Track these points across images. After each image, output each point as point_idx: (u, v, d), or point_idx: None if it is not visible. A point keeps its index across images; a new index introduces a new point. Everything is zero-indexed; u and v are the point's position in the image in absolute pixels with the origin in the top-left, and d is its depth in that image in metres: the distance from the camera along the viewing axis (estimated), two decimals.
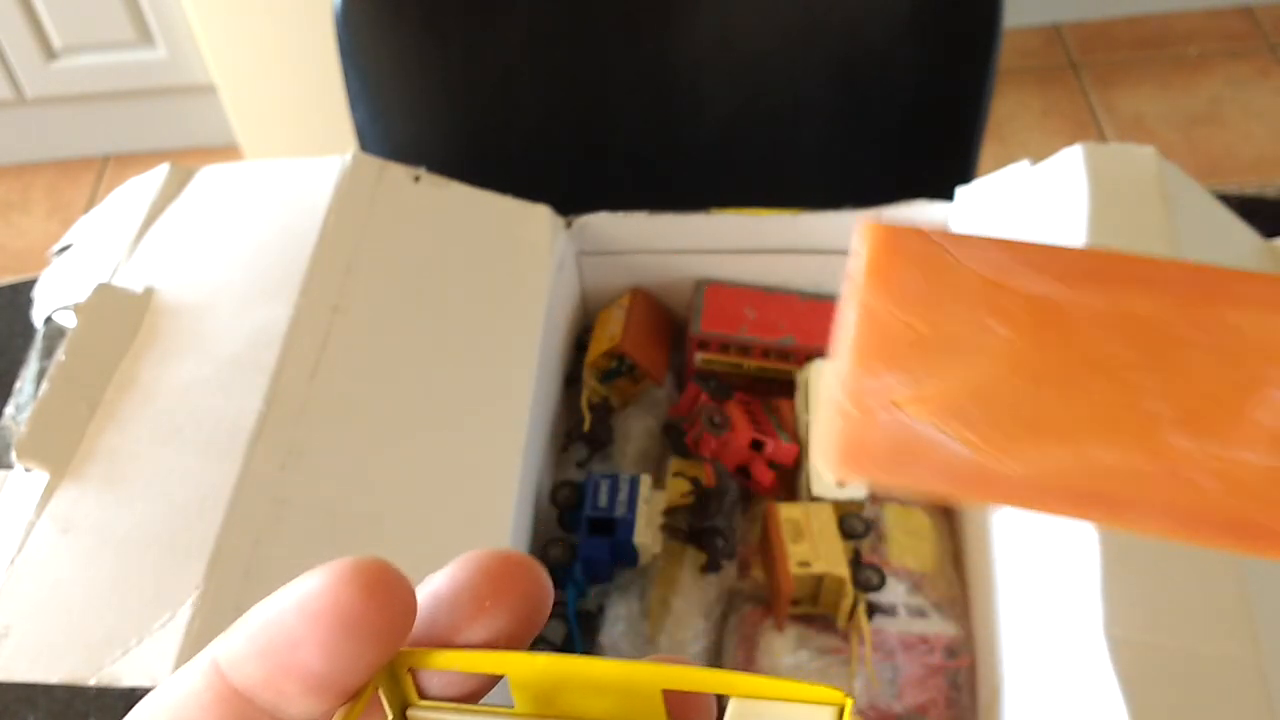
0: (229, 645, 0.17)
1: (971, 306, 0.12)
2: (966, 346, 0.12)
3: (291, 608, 0.16)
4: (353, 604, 0.16)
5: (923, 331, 0.13)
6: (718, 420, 0.59)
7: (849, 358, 0.13)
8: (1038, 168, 0.55)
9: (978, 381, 0.12)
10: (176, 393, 0.47)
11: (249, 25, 1.41)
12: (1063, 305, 0.12)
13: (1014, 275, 0.12)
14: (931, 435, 0.12)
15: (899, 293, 0.13)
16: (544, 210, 0.60)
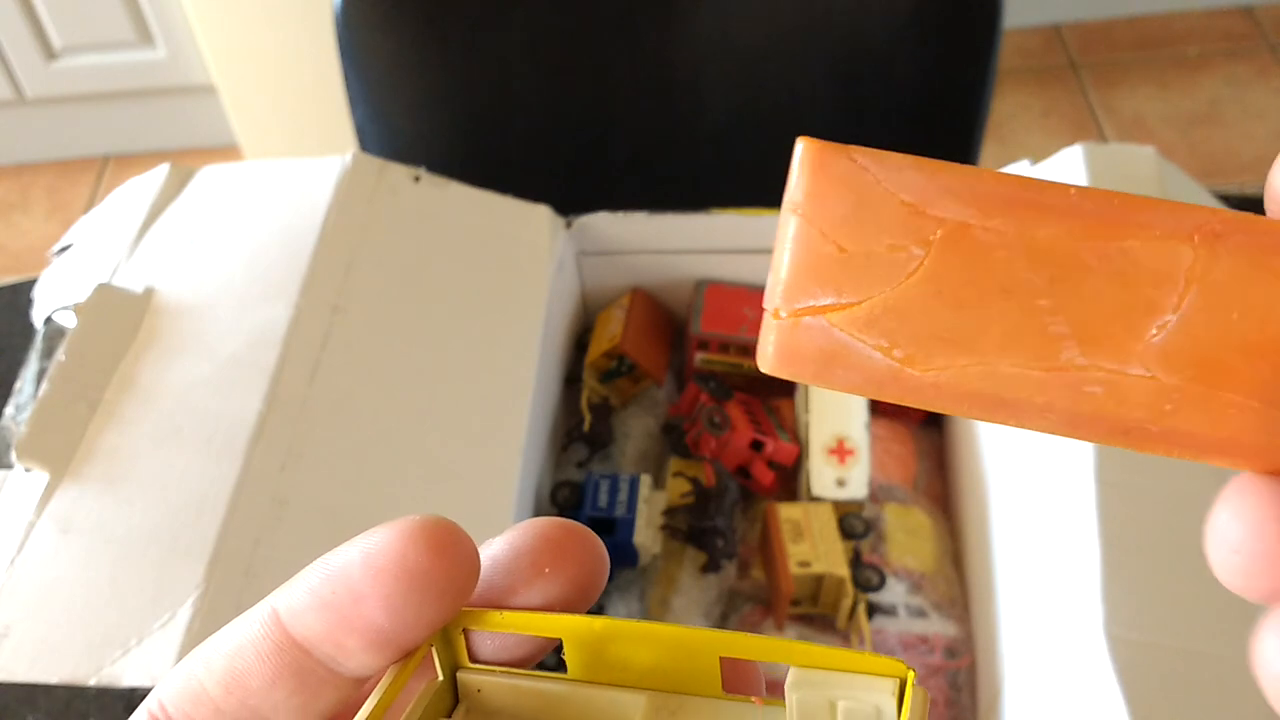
0: (290, 596, 0.16)
1: (891, 229, 0.14)
2: (885, 266, 0.14)
3: (357, 562, 0.16)
4: (419, 561, 0.16)
5: (847, 250, 0.14)
6: (718, 420, 0.59)
7: (782, 271, 0.14)
8: (1038, 168, 0.55)
9: (894, 298, 0.14)
10: (176, 393, 0.47)
11: (249, 25, 1.41)
12: (975, 230, 0.14)
13: (931, 201, 0.14)
14: (851, 343, 0.14)
15: (827, 213, 0.14)
16: (544, 210, 0.60)
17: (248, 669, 0.17)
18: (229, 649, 0.17)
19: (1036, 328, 0.14)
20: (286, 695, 0.17)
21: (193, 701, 0.17)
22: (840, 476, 0.57)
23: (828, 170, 0.14)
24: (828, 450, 0.58)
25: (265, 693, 0.17)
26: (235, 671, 0.17)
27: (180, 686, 0.17)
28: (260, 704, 0.17)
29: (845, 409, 0.59)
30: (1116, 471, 0.43)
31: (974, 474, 0.54)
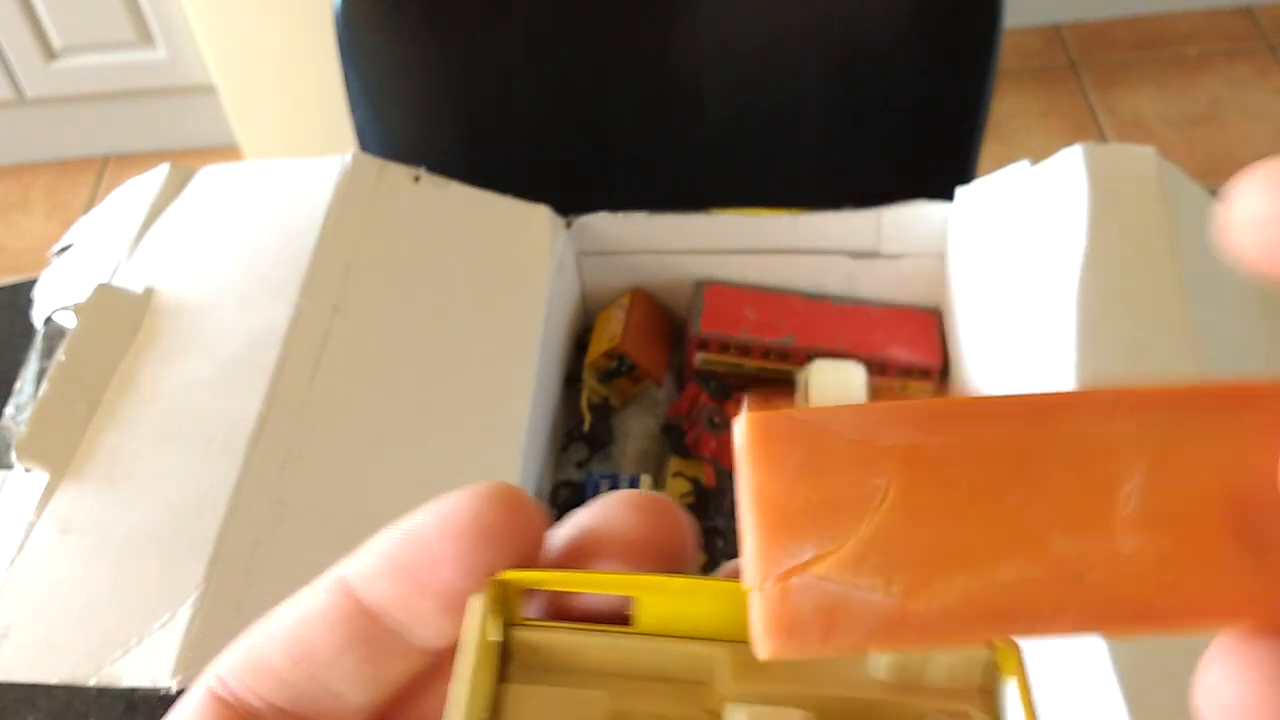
0: (360, 563, 0.16)
1: (849, 468, 0.14)
2: (854, 503, 0.14)
3: (431, 524, 0.16)
4: (494, 520, 0.16)
5: (812, 499, 0.14)
6: (718, 420, 0.59)
7: (752, 539, 0.14)
8: (1038, 168, 0.55)
9: (873, 532, 0.14)
10: (176, 393, 0.47)
11: (249, 25, 1.41)
12: (926, 449, 0.14)
13: (877, 433, 0.14)
14: (847, 591, 0.14)
15: (783, 470, 0.14)
16: (544, 210, 0.60)
17: (315, 638, 0.16)
18: (294, 619, 0.16)
19: (1018, 525, 0.14)
20: (355, 665, 0.16)
21: (255, 674, 0.16)
22: None
23: (771, 433, 0.14)
24: None
25: (333, 663, 0.16)
26: (302, 641, 0.16)
27: (241, 659, 0.17)
28: (328, 675, 0.16)
29: None
30: None
31: None
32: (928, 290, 0.64)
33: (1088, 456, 0.14)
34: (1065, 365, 0.47)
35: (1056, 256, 0.51)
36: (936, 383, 0.62)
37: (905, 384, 0.62)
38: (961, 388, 0.58)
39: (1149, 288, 0.49)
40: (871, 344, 0.62)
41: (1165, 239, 0.51)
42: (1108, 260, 0.50)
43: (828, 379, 0.59)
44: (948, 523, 0.14)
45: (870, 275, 0.64)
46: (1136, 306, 0.49)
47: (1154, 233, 0.51)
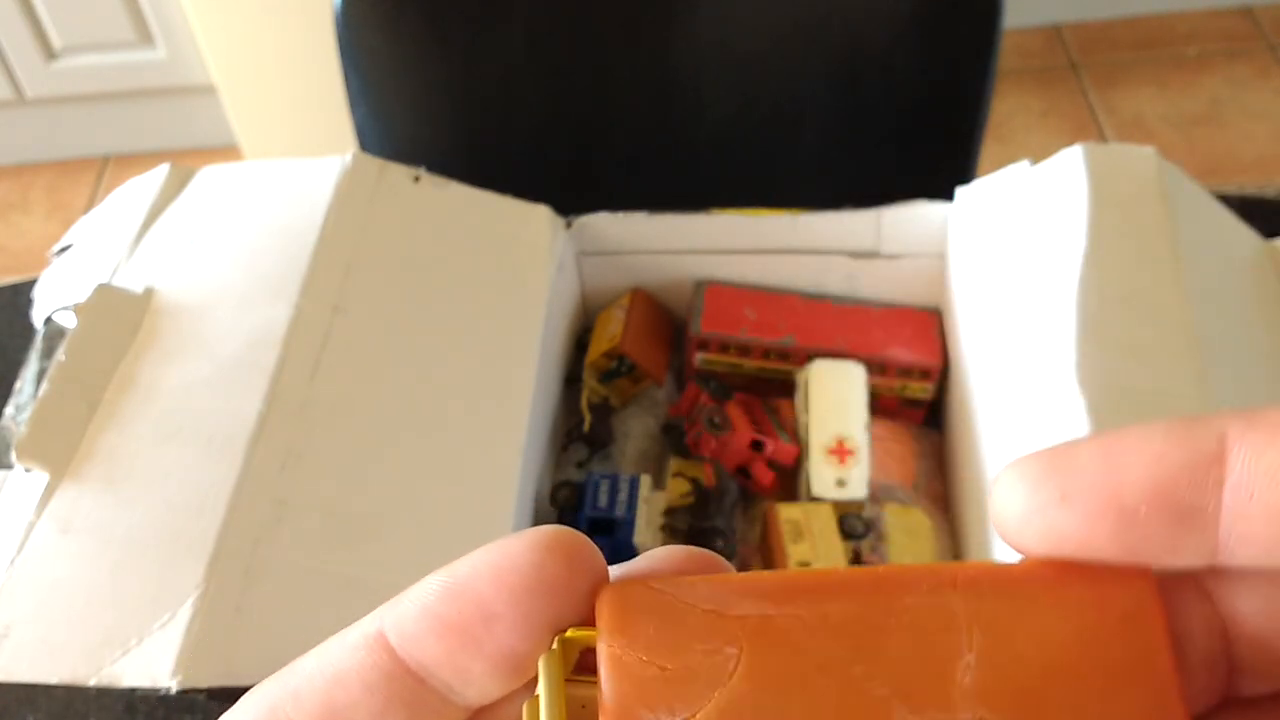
0: (402, 618, 0.15)
1: (701, 636, 0.15)
2: (706, 671, 0.15)
3: (486, 577, 0.14)
4: (557, 574, 0.14)
5: (667, 668, 0.15)
6: (718, 420, 0.59)
7: (608, 707, 0.14)
8: (1038, 168, 0.55)
9: (724, 701, 0.14)
10: (176, 393, 0.47)
11: (249, 25, 1.41)
12: (776, 620, 0.15)
13: (730, 604, 0.15)
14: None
15: (638, 639, 0.15)
16: (544, 210, 0.60)
17: (352, 701, 0.15)
18: (326, 679, 0.15)
19: (862, 696, 0.14)
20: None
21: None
22: (840, 477, 0.57)
23: (627, 603, 0.15)
24: (827, 450, 0.58)
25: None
26: (335, 704, 0.15)
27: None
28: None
29: (845, 409, 0.59)
30: None
31: (974, 474, 0.54)
32: (928, 290, 0.64)
33: (927, 629, 0.15)
34: (1065, 365, 0.47)
35: (1056, 256, 0.51)
36: (936, 382, 0.62)
37: (905, 384, 0.62)
38: (962, 388, 0.58)
39: (1149, 288, 0.49)
40: (871, 344, 0.62)
41: (1165, 239, 0.51)
42: (1108, 260, 0.50)
43: (828, 379, 0.59)
44: (795, 693, 0.14)
45: (870, 275, 0.64)
46: (1136, 306, 0.49)
47: (1154, 233, 0.51)
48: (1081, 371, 0.46)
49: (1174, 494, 0.14)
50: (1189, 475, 0.14)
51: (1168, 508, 0.14)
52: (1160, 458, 0.14)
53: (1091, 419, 0.45)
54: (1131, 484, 0.14)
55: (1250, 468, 0.14)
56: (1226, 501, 0.14)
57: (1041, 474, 0.14)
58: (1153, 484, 0.14)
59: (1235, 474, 0.14)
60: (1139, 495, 0.14)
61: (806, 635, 0.15)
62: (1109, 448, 0.14)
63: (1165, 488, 0.14)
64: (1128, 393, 0.46)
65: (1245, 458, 0.14)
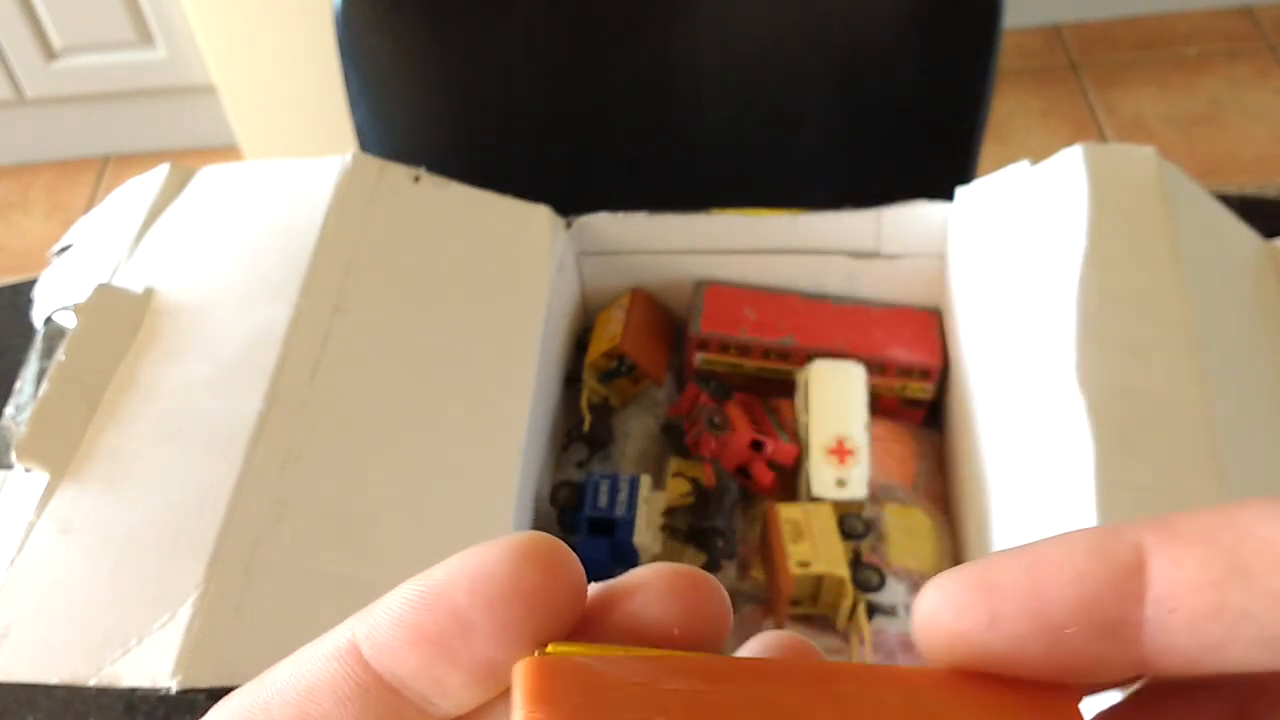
0: (374, 631, 0.14)
1: (631, 706, 0.14)
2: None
3: (462, 586, 0.14)
4: (535, 582, 0.14)
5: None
6: (718, 420, 0.59)
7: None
8: (1038, 168, 0.55)
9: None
10: (176, 393, 0.47)
11: (249, 25, 1.41)
12: (708, 694, 0.15)
13: (661, 679, 0.14)
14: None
15: (562, 707, 0.14)
16: (544, 210, 0.60)
17: (324, 714, 0.15)
18: (298, 691, 0.15)
19: None
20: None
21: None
22: (840, 477, 0.57)
23: (552, 674, 0.14)
24: (828, 450, 0.58)
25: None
26: (308, 718, 0.15)
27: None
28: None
29: (845, 409, 0.59)
30: (1116, 471, 0.43)
31: (974, 474, 0.54)
32: (928, 290, 0.64)
33: (861, 712, 0.15)
34: (1065, 365, 0.47)
35: (1056, 256, 0.51)
36: (936, 382, 0.62)
37: (905, 384, 0.62)
38: (962, 388, 0.58)
39: (1149, 288, 0.49)
40: (871, 344, 0.62)
41: (1165, 239, 0.51)
42: (1108, 260, 0.50)
43: (828, 379, 0.59)
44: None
45: (870, 275, 0.64)
46: (1136, 306, 0.49)
47: (1154, 233, 0.51)
48: (1081, 371, 0.46)
49: (1098, 612, 0.14)
50: (1111, 592, 0.14)
51: (1093, 626, 0.14)
52: (1082, 575, 0.14)
53: (1091, 419, 0.45)
54: (1057, 604, 0.14)
55: (1169, 580, 0.14)
56: (1148, 615, 0.14)
57: (968, 598, 0.15)
58: (1077, 603, 0.14)
59: (1155, 587, 0.14)
60: (1066, 616, 0.14)
61: (739, 709, 0.14)
62: (1032, 567, 0.14)
63: (1089, 606, 0.14)
64: (1128, 393, 0.46)
65: (1164, 570, 0.14)
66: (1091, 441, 0.44)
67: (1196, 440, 0.45)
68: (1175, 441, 0.45)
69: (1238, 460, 0.45)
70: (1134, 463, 0.44)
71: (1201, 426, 0.45)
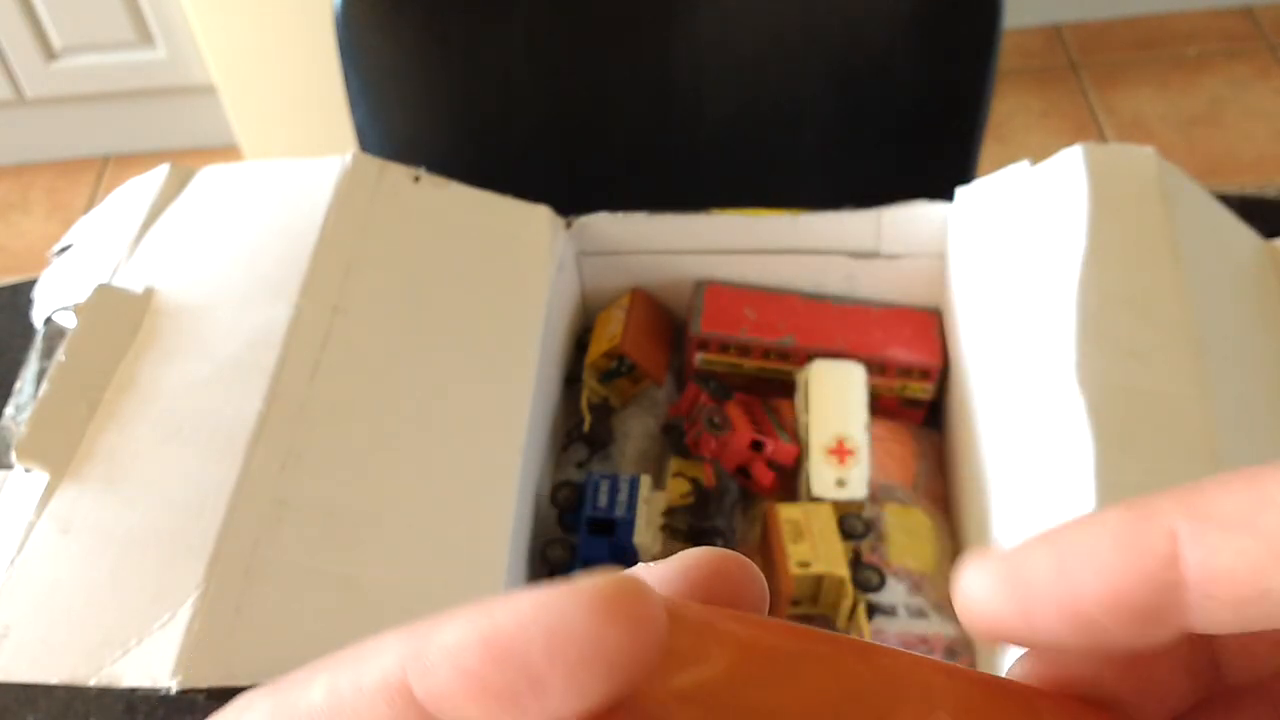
0: (431, 675, 0.13)
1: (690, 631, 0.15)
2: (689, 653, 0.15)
3: (537, 644, 0.12)
4: (618, 642, 0.12)
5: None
6: (718, 420, 0.59)
7: None
8: (1038, 168, 0.55)
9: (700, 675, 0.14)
10: (176, 393, 0.47)
11: (249, 25, 1.41)
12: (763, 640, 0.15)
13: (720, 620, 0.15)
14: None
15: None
16: (544, 210, 0.60)
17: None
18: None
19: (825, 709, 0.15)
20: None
21: None
22: (840, 477, 0.57)
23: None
24: (827, 450, 0.58)
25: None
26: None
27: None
28: None
29: (845, 409, 0.59)
30: (1116, 471, 0.43)
31: (974, 474, 0.54)
32: (928, 290, 0.64)
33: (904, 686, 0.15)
34: (1065, 365, 0.47)
35: (1056, 256, 0.51)
36: (936, 382, 0.62)
37: (905, 384, 0.62)
38: (962, 388, 0.58)
39: (1149, 288, 0.49)
40: (871, 344, 0.62)
41: (1165, 239, 0.51)
42: (1108, 260, 0.50)
43: (828, 379, 0.59)
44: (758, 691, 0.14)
45: (870, 275, 0.64)
46: (1136, 306, 0.49)
47: (1154, 233, 0.51)
48: (1081, 371, 0.46)
49: (1132, 604, 0.14)
50: (1144, 585, 0.14)
51: (1128, 615, 0.14)
52: (1111, 569, 0.14)
53: (1091, 419, 0.45)
54: (1088, 599, 0.14)
55: (1207, 569, 0.14)
56: (1188, 599, 0.14)
57: (1002, 593, 0.15)
58: (1109, 597, 0.14)
59: (1192, 575, 0.14)
60: (1097, 609, 0.14)
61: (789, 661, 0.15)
62: (1062, 563, 0.14)
63: (1123, 599, 0.14)
64: (1128, 393, 0.46)
65: (1201, 560, 0.14)
66: (1091, 441, 0.44)
67: (1196, 440, 0.45)
68: (1175, 441, 0.45)
69: (1237, 460, 0.45)
70: (1134, 463, 0.44)
71: (1201, 426, 0.45)
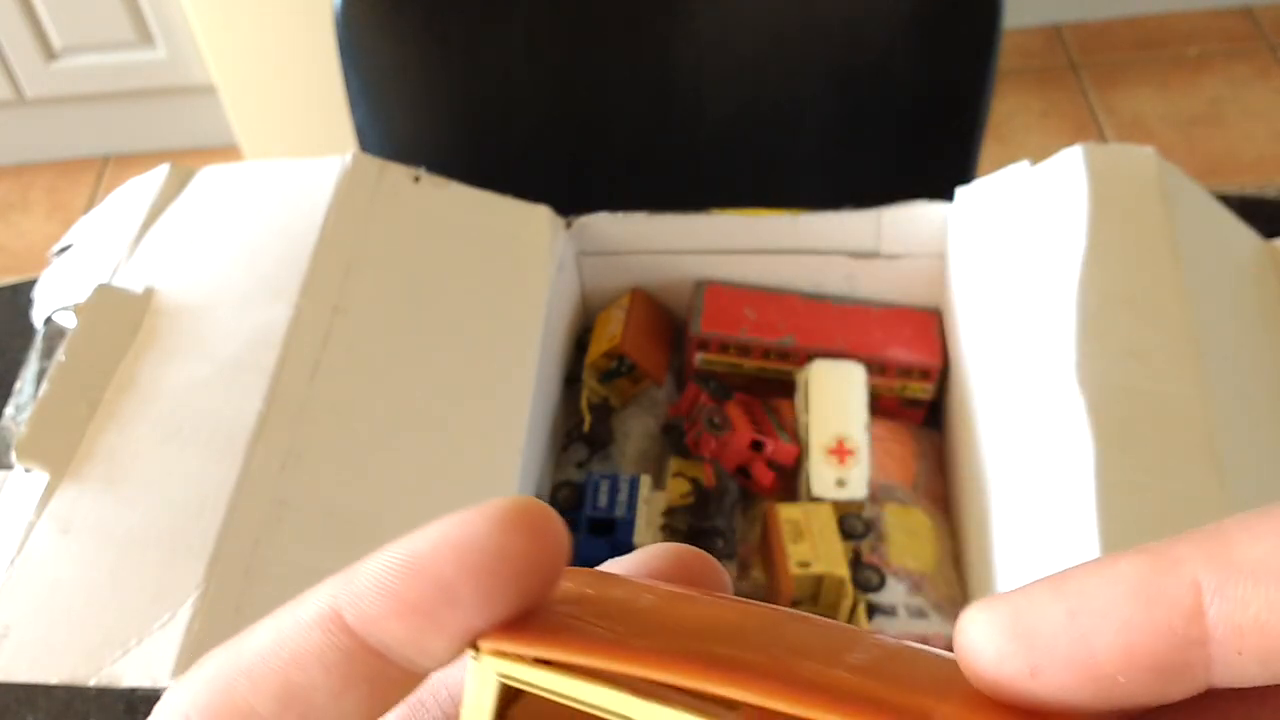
0: (358, 600, 0.15)
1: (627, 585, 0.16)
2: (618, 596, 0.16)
3: (446, 555, 0.14)
4: (520, 549, 0.14)
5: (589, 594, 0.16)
6: (718, 420, 0.59)
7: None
8: (1038, 168, 0.55)
9: (625, 608, 0.15)
10: (176, 393, 0.47)
11: (249, 25, 1.41)
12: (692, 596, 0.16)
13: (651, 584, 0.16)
14: (581, 624, 0.15)
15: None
16: (544, 210, 0.60)
17: (309, 682, 0.15)
18: (282, 659, 0.15)
19: (752, 637, 0.15)
20: (355, 703, 0.15)
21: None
22: (840, 477, 0.57)
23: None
24: (827, 450, 0.58)
25: (331, 705, 0.15)
26: (293, 685, 0.15)
27: (218, 702, 0.15)
28: (323, 717, 0.15)
29: (845, 409, 0.59)
30: (1116, 471, 0.43)
31: (974, 474, 0.54)
32: (928, 290, 0.64)
33: (834, 634, 0.16)
34: (1065, 365, 0.47)
35: (1056, 256, 0.51)
36: (936, 382, 0.62)
37: (905, 384, 0.62)
38: (962, 388, 0.58)
39: (1149, 288, 0.49)
40: (871, 344, 0.62)
41: (1165, 239, 0.51)
42: (1108, 260, 0.50)
43: (828, 379, 0.59)
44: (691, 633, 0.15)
45: (870, 275, 0.64)
46: (1136, 306, 0.49)
47: (1154, 233, 0.51)
48: (1081, 371, 0.46)
49: (1152, 661, 0.13)
50: (1165, 640, 0.13)
51: (1146, 672, 0.13)
52: (1128, 624, 0.13)
53: (1091, 419, 0.45)
54: (1105, 656, 0.13)
55: (1235, 625, 0.13)
56: (1213, 654, 0.13)
57: (1007, 646, 0.14)
58: (1128, 653, 0.13)
59: (1219, 630, 0.13)
60: (1115, 666, 0.13)
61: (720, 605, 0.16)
62: (1074, 615, 0.13)
63: (1141, 655, 0.13)
64: (1128, 393, 0.46)
65: (1227, 614, 0.13)
66: (1091, 441, 0.44)
67: (1196, 440, 0.45)
68: (1175, 441, 0.45)
69: (1237, 460, 0.45)
70: (1134, 462, 0.44)
71: (1201, 426, 0.45)
